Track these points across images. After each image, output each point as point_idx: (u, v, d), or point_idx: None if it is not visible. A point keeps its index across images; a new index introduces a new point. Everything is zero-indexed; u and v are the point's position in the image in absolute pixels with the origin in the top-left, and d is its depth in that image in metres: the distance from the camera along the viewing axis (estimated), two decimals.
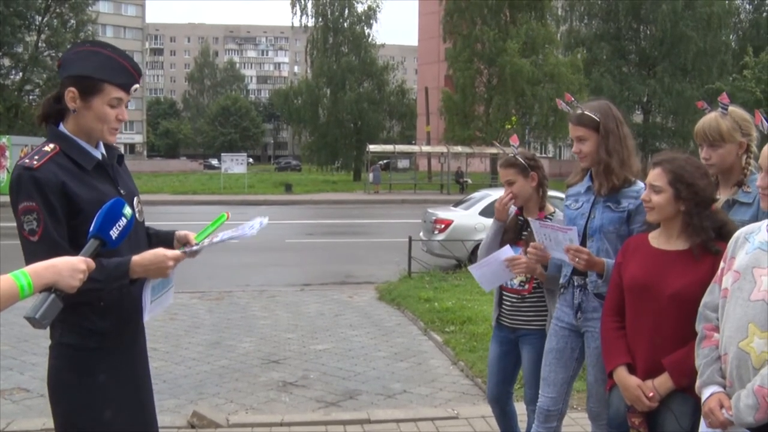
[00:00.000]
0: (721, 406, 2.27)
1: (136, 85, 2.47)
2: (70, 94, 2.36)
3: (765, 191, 2.31)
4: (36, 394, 5.50)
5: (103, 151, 2.49)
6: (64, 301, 1.91)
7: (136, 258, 2.30)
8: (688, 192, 2.69)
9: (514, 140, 3.74)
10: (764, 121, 2.47)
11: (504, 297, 3.78)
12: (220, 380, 5.92)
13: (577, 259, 3.06)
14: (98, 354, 2.39)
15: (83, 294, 2.19)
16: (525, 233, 3.66)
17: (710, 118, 2.94)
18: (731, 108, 2.93)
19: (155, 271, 2.34)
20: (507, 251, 3.50)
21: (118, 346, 2.46)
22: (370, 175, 38.78)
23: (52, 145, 2.36)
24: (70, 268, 1.91)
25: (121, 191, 2.47)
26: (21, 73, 43.73)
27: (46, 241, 2.18)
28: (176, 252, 2.37)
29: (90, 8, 47.30)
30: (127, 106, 2.50)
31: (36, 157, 2.30)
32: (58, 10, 44.10)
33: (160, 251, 2.34)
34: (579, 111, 3.21)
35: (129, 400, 2.49)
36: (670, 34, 41.65)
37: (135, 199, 2.56)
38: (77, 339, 2.37)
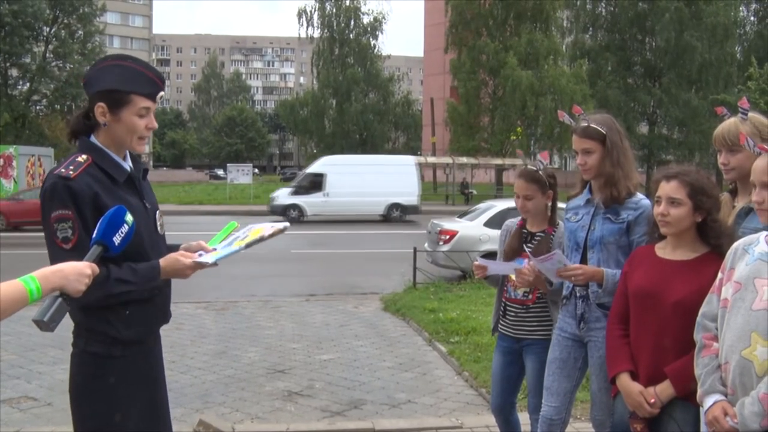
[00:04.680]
0: (725, 414, 2.29)
1: (162, 93, 2.50)
2: (100, 109, 2.40)
3: (761, 206, 2.34)
4: (43, 402, 5.53)
5: (131, 164, 2.54)
6: (73, 303, 1.95)
7: (161, 260, 2.39)
8: (710, 202, 2.74)
9: (544, 156, 3.76)
10: (749, 140, 2.49)
11: (508, 307, 3.80)
12: (226, 389, 5.94)
13: (573, 278, 3.15)
14: (122, 362, 2.43)
15: (118, 296, 2.23)
16: (529, 246, 3.68)
17: (730, 123, 2.94)
18: (751, 114, 2.93)
19: (176, 273, 2.42)
20: (519, 262, 3.53)
21: (140, 354, 2.50)
22: None
23: (84, 156, 2.39)
24: (77, 272, 1.95)
25: (147, 204, 2.53)
26: (28, 84, 43.98)
27: (79, 250, 2.19)
28: (192, 261, 2.43)
29: (97, 19, 47.58)
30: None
31: (71, 167, 2.33)
32: (65, 21, 44.35)
33: (180, 260, 2.41)
34: (585, 124, 3.24)
35: (148, 406, 2.54)
36: (674, 44, 41.63)
37: (157, 212, 2.61)
38: (103, 348, 2.40)
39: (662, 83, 43.55)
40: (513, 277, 3.67)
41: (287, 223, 2.65)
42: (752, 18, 49.29)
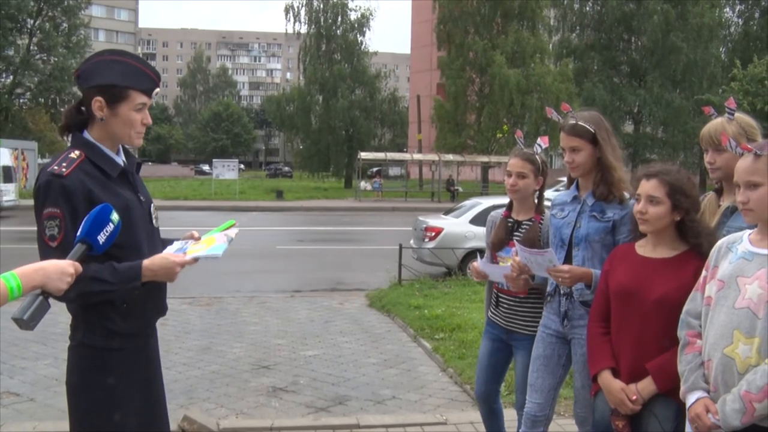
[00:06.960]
0: (707, 411, 2.32)
1: (157, 89, 2.53)
2: (97, 103, 2.40)
3: (744, 206, 2.36)
4: (26, 398, 5.50)
5: (124, 159, 2.55)
6: (62, 301, 1.94)
7: (146, 262, 2.36)
8: (688, 202, 2.76)
9: (544, 141, 3.73)
10: (732, 141, 2.52)
11: (500, 298, 3.79)
12: (211, 385, 5.92)
13: (560, 279, 3.15)
14: (120, 355, 2.43)
15: (94, 295, 2.23)
16: (517, 234, 3.68)
17: (716, 123, 2.96)
18: (738, 114, 2.95)
19: (164, 276, 2.41)
20: (507, 268, 3.52)
21: (137, 347, 2.51)
22: (362, 184, 38.94)
23: (77, 152, 2.40)
24: (59, 271, 1.94)
25: (141, 198, 2.54)
26: (12, 77, 43.55)
27: (64, 249, 2.19)
28: (184, 258, 2.43)
29: (83, 12, 47.15)
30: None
31: (64, 164, 2.34)
32: (50, 14, 43.91)
33: (169, 257, 2.40)
34: (573, 121, 3.24)
35: (145, 399, 2.55)
36: (660, 44, 41.87)
37: (152, 206, 2.64)
38: (101, 340, 2.41)
39: (647, 83, 43.78)
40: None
41: (237, 230, 2.68)
42: (737, 19, 49.64)
